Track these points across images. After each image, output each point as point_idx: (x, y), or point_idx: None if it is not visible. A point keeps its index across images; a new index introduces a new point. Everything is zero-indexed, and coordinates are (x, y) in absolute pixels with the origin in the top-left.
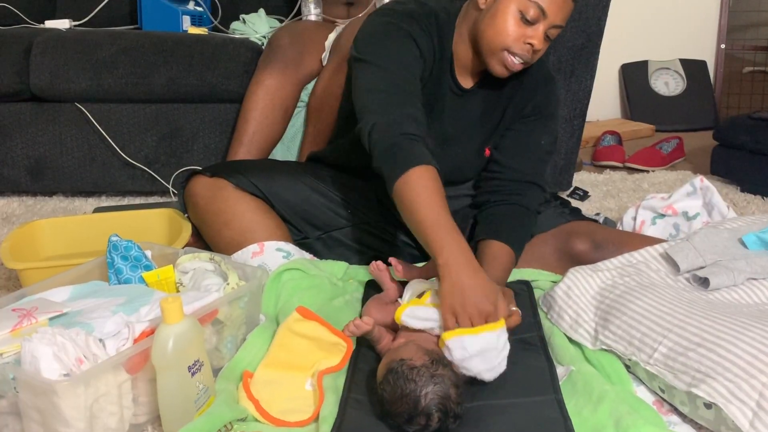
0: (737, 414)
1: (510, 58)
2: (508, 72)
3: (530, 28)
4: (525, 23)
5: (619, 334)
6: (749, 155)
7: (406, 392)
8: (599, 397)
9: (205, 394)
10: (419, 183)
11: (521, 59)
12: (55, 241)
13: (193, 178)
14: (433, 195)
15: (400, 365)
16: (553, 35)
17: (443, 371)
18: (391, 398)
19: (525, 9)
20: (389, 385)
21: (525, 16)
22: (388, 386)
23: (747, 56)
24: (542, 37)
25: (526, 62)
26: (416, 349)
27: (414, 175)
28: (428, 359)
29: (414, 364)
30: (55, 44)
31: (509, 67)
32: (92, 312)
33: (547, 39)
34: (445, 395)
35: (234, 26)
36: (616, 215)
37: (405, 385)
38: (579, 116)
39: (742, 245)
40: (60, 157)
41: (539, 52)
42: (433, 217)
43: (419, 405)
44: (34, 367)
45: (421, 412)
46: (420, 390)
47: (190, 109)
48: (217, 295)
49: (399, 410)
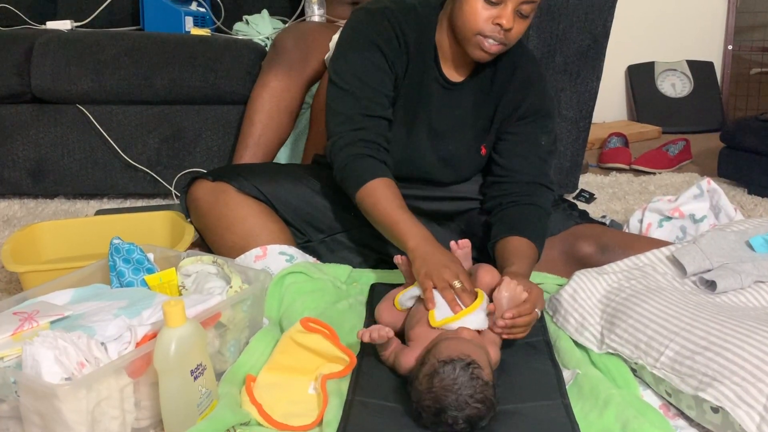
0: (744, 418)
1: (484, 41)
2: (488, 55)
3: (496, 8)
4: (491, 5)
5: (626, 337)
6: (757, 157)
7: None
8: (605, 401)
9: (208, 398)
10: (374, 194)
11: (495, 40)
12: (57, 243)
13: (195, 183)
14: (388, 200)
15: (468, 363)
16: (526, 11)
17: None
18: (439, 388)
19: None
20: (443, 376)
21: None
22: (439, 378)
23: (754, 57)
24: (511, 15)
25: (502, 43)
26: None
27: (368, 189)
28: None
29: (481, 375)
30: (56, 45)
31: (486, 50)
32: (94, 315)
33: (521, 16)
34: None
35: (237, 27)
36: (622, 218)
37: (465, 384)
38: (585, 118)
39: (749, 248)
40: (62, 159)
41: (513, 31)
42: (394, 217)
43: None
44: (36, 370)
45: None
46: (470, 400)
47: (192, 111)
48: (219, 298)
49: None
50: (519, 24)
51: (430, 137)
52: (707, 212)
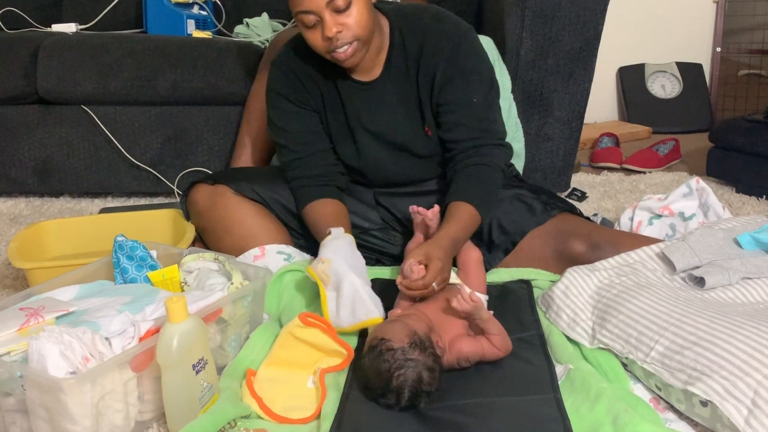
0: (732, 411)
1: (336, 54)
2: (353, 59)
3: (318, 27)
4: (312, 28)
5: (616, 332)
6: (744, 157)
7: (381, 370)
8: (597, 394)
9: (209, 392)
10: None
11: (340, 47)
12: (62, 241)
13: (194, 187)
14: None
15: (380, 344)
16: (341, 6)
17: (419, 356)
18: (368, 373)
19: (303, 22)
20: (368, 360)
21: (307, 25)
22: (366, 361)
23: (742, 59)
24: (330, 24)
25: (347, 43)
26: (401, 328)
27: (305, 213)
28: (408, 342)
29: (392, 345)
30: (61, 48)
31: (344, 59)
32: (98, 311)
33: (340, 12)
34: (417, 378)
35: (238, 30)
36: (613, 216)
37: (381, 364)
38: (577, 118)
39: (737, 245)
40: (67, 159)
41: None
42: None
43: (391, 384)
44: (42, 365)
45: (392, 391)
46: (393, 371)
47: (194, 112)
48: (221, 295)
49: (373, 385)
50: (346, 17)
51: (373, 139)
52: (696, 210)
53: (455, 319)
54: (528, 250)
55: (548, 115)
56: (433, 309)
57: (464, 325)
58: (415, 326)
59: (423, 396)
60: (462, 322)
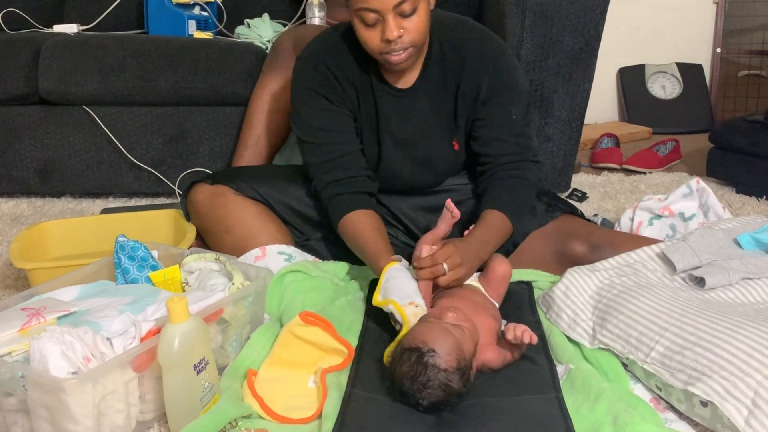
0: (733, 412)
1: (389, 57)
2: (404, 63)
3: (379, 25)
4: (372, 27)
5: (617, 333)
6: (744, 157)
7: (416, 380)
8: (597, 394)
9: (210, 392)
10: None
11: (396, 51)
12: (63, 241)
13: (194, 187)
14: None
15: (427, 354)
16: (406, 11)
17: (457, 382)
18: (403, 370)
19: (362, 19)
20: (408, 361)
21: (366, 23)
22: (406, 361)
23: (742, 60)
24: (393, 26)
25: (404, 49)
26: (453, 345)
27: (345, 223)
28: (455, 365)
29: (438, 363)
30: (63, 48)
31: (396, 62)
32: (100, 311)
33: (406, 16)
34: (443, 400)
35: (239, 31)
36: (613, 216)
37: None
38: (577, 119)
39: (737, 245)
40: (68, 159)
41: (407, 32)
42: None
43: (418, 394)
44: (43, 365)
45: (414, 397)
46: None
47: (195, 112)
48: (222, 295)
49: (399, 381)
50: (409, 22)
51: (398, 147)
52: (696, 211)
53: (485, 325)
54: (529, 250)
55: (549, 116)
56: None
57: (493, 332)
58: (465, 346)
59: (444, 407)
60: (491, 328)
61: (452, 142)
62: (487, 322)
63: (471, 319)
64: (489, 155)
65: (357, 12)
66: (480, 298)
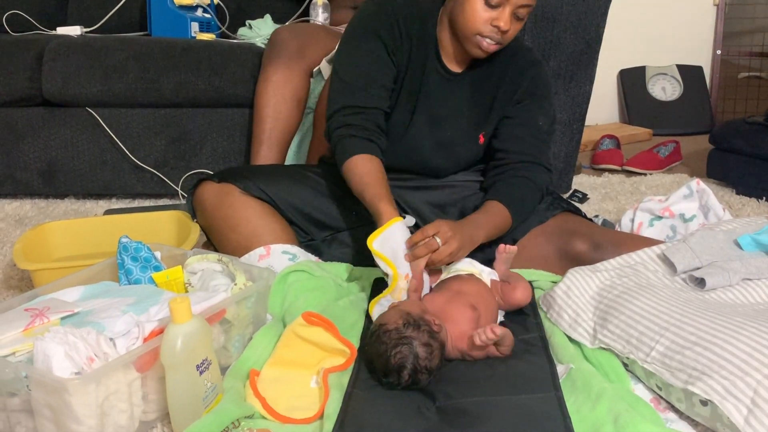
0: (732, 411)
1: (483, 41)
2: (485, 53)
3: (495, 11)
4: (490, 8)
5: (617, 333)
6: (744, 158)
7: (380, 352)
8: (598, 394)
9: (213, 392)
10: (356, 169)
11: (493, 41)
12: (67, 242)
13: (201, 185)
14: (365, 175)
15: (377, 329)
16: (522, 14)
17: (412, 333)
18: (371, 357)
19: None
20: (369, 345)
21: (489, 1)
22: (368, 347)
23: (742, 62)
24: (508, 18)
25: (499, 42)
26: (395, 313)
27: (351, 163)
28: (401, 323)
29: (387, 327)
30: (66, 50)
31: (484, 49)
32: (103, 312)
33: (517, 19)
34: (413, 354)
35: (241, 32)
36: (614, 217)
37: (379, 346)
38: (578, 120)
39: (737, 246)
40: (71, 161)
41: (509, 32)
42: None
43: (390, 363)
44: (47, 365)
45: (392, 370)
46: (390, 351)
47: (198, 114)
48: (224, 296)
49: (377, 367)
50: (515, 25)
51: (428, 123)
52: (697, 212)
53: (464, 313)
54: (530, 247)
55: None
56: (442, 300)
57: (473, 321)
58: (408, 309)
59: (423, 372)
60: (471, 318)
61: (479, 135)
62: (460, 310)
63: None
64: (507, 151)
65: None
66: (472, 289)
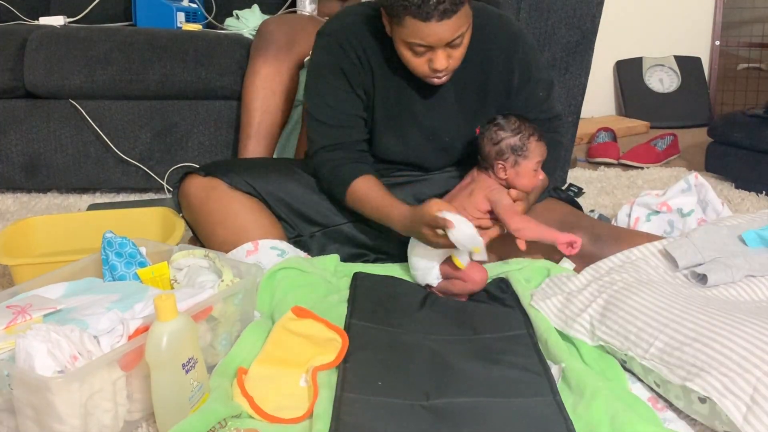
0: (731, 408)
1: (430, 79)
2: (442, 81)
3: (425, 55)
4: (420, 56)
5: (616, 329)
6: (744, 152)
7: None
8: (592, 393)
9: (200, 391)
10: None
11: (439, 76)
12: (50, 238)
13: (187, 178)
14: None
15: None
16: (458, 42)
17: None
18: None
19: (411, 50)
20: None
21: (416, 53)
22: None
23: (741, 53)
24: (442, 57)
25: (446, 74)
26: None
27: (351, 191)
28: None
29: None
30: (49, 41)
31: (436, 83)
32: (87, 309)
33: (455, 47)
34: None
35: (228, 22)
36: (610, 212)
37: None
38: (573, 113)
39: (741, 242)
40: (54, 154)
41: (453, 60)
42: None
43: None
44: (29, 363)
45: None
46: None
47: (184, 106)
48: (211, 292)
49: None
50: (456, 51)
51: (424, 137)
52: (695, 206)
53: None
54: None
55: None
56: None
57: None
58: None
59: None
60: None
61: (476, 128)
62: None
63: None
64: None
65: (408, 44)
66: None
